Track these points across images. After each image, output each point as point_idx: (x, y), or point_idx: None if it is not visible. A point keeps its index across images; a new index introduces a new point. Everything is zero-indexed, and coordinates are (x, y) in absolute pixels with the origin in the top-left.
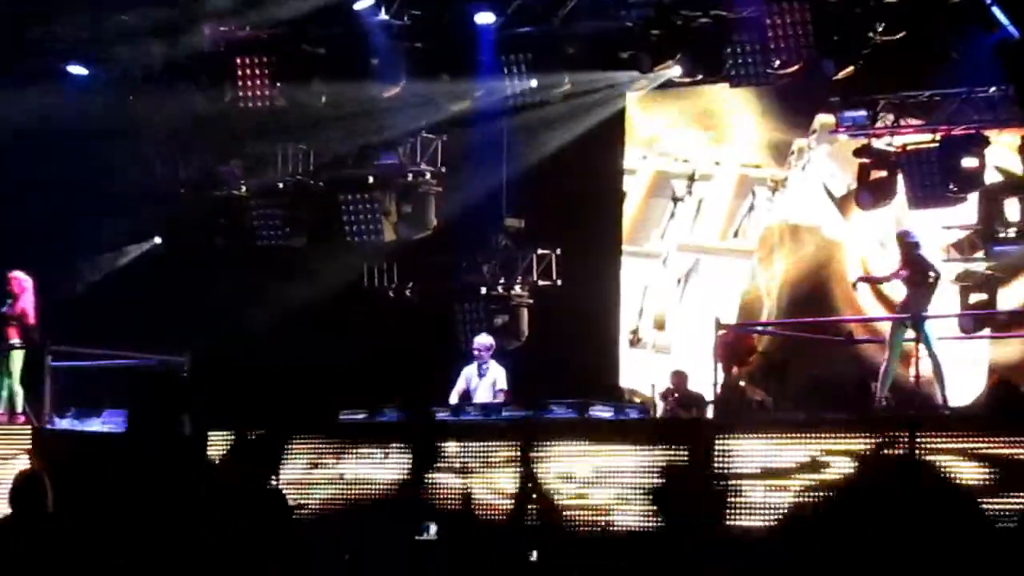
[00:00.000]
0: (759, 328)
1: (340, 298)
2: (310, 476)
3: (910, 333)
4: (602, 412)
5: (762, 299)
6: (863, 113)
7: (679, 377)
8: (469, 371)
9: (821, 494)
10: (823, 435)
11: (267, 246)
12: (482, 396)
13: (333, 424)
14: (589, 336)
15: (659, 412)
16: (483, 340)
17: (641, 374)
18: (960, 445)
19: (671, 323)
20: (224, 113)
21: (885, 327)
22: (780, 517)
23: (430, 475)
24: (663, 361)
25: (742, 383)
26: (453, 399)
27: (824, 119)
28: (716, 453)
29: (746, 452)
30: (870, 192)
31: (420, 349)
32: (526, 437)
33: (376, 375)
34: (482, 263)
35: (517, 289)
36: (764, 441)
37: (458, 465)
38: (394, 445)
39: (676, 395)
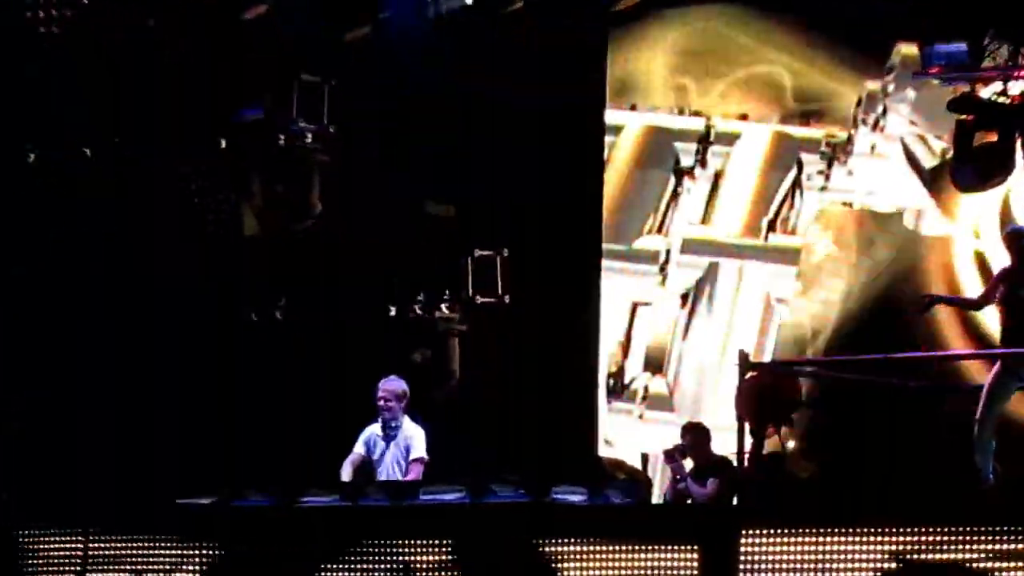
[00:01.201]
0: (807, 368)
1: (175, 325)
2: None
3: None
4: (570, 495)
5: (810, 326)
6: (963, 47)
7: (697, 435)
8: (370, 433)
9: None
10: (907, 534)
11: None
12: (389, 470)
13: (167, 513)
14: (552, 380)
15: (660, 491)
16: (392, 386)
17: (628, 438)
18: None
19: (673, 363)
20: None
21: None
22: None
23: None
24: (660, 420)
25: (780, 450)
26: (345, 474)
27: (907, 51)
28: (742, 558)
29: (788, 558)
30: (974, 164)
31: (295, 400)
32: (455, 537)
33: (231, 439)
34: (391, 271)
35: (444, 310)
36: (816, 540)
37: None
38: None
39: (686, 456)
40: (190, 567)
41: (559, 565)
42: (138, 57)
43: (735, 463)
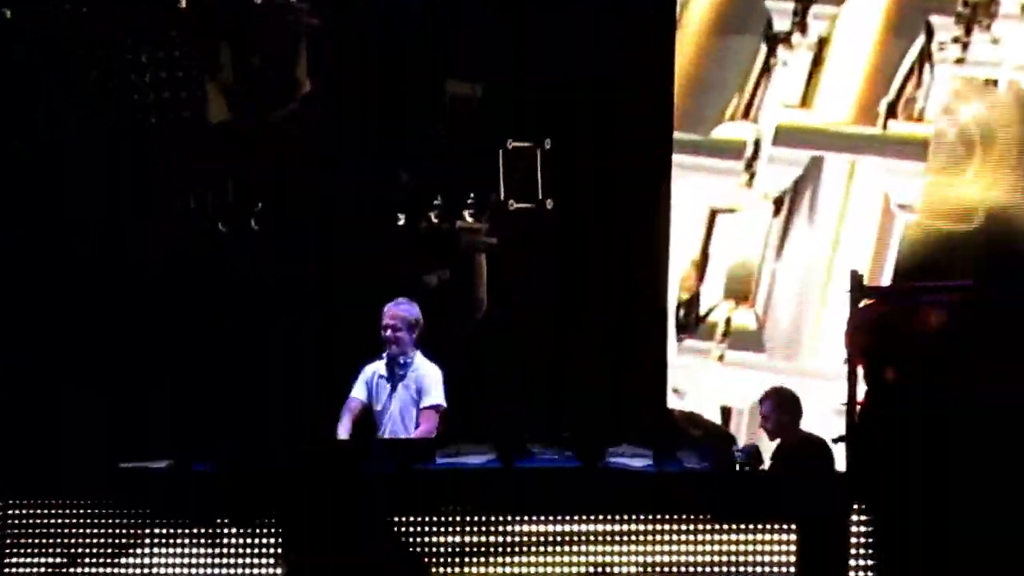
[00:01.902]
0: (939, 294)
1: (127, 235)
2: None
3: None
4: (630, 460)
5: (942, 239)
6: None
7: (781, 405)
8: (372, 372)
9: None
10: None
11: None
12: (396, 420)
13: (101, 480)
14: (606, 311)
15: (744, 455)
16: (401, 310)
17: (704, 386)
18: None
19: (763, 288)
20: None
21: None
22: None
23: None
24: (745, 362)
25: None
26: (343, 428)
27: None
28: (856, 541)
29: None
30: None
31: (276, 335)
32: (479, 512)
33: (193, 385)
34: (398, 168)
35: (467, 218)
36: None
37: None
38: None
39: (759, 458)
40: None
41: (614, 549)
42: None
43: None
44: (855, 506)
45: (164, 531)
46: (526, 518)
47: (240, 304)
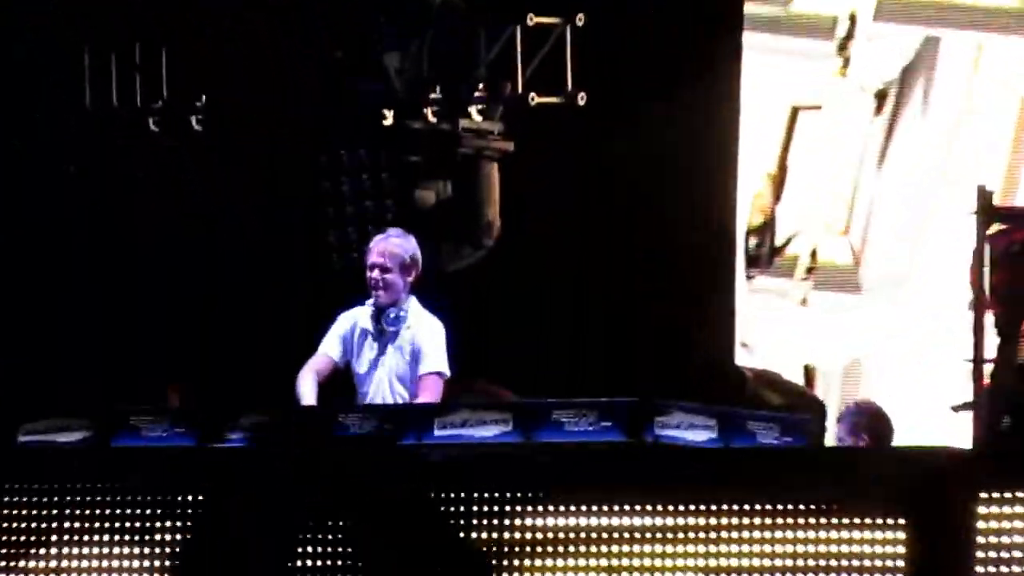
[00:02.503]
0: None
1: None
2: None
3: None
4: (687, 433)
5: None
6: None
7: (860, 427)
8: (352, 323)
9: None
10: None
11: None
12: (384, 389)
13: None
14: (653, 238)
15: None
16: (392, 246)
17: (781, 337)
18: None
19: (860, 209)
20: None
21: None
22: None
23: None
24: (836, 306)
25: None
26: (304, 389)
27: None
28: (982, 540)
29: None
30: None
31: (217, 273)
32: (498, 499)
33: (115, 336)
34: (383, 48)
35: (475, 116)
36: None
37: None
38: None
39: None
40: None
41: (666, 550)
42: None
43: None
44: (982, 494)
45: (74, 525)
46: (551, 508)
47: (168, 227)
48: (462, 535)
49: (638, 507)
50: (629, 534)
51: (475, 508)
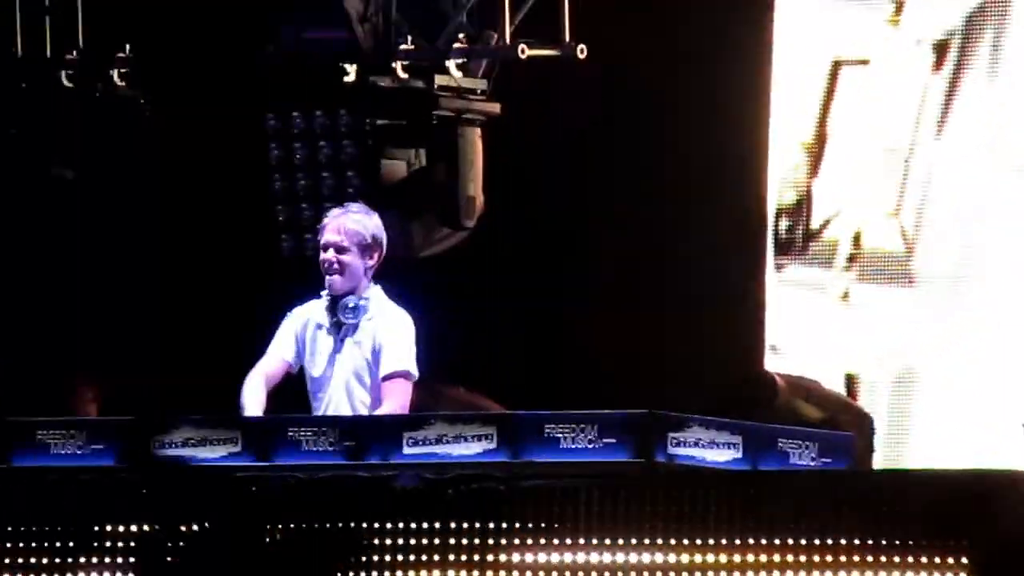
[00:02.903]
0: None
1: None
2: None
3: None
4: (708, 450)
5: None
6: None
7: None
8: (305, 319)
9: None
10: None
11: None
12: (340, 393)
13: None
14: (666, 217)
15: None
16: (352, 224)
17: (823, 340)
18: None
19: (914, 185)
20: None
21: None
22: None
23: None
24: (884, 301)
25: None
26: (249, 398)
27: None
28: None
29: None
30: None
31: (141, 252)
32: (486, 533)
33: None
34: None
35: (452, 71)
36: None
37: None
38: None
39: None
40: None
41: None
42: None
43: None
44: None
45: None
46: (543, 542)
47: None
48: (437, 571)
49: (647, 541)
50: (637, 574)
51: (452, 542)
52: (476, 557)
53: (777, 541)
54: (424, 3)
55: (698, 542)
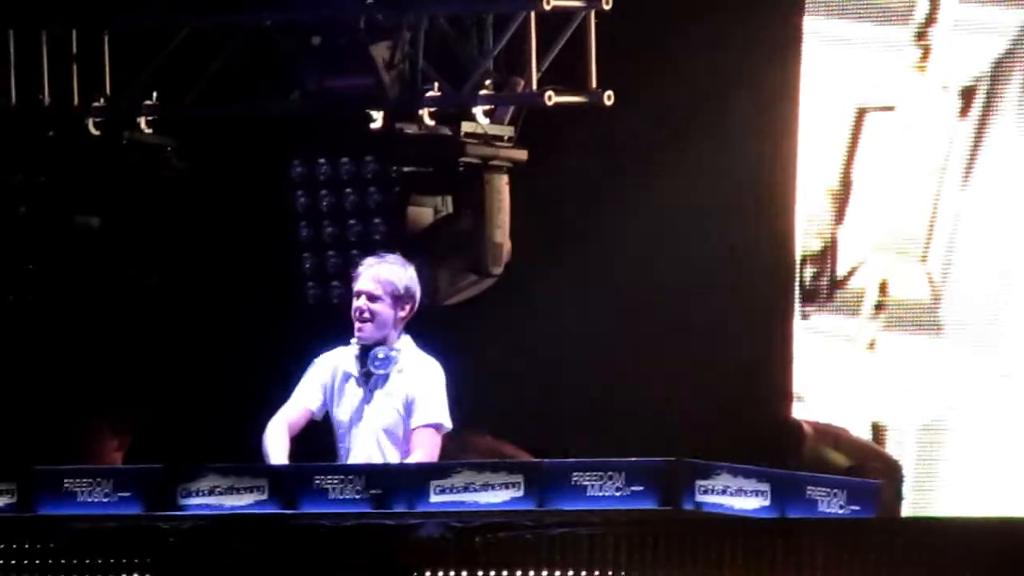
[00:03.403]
0: None
1: None
2: None
3: None
4: (734, 499)
5: None
6: None
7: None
8: (333, 367)
9: None
10: None
11: None
12: (370, 445)
13: None
14: (694, 264)
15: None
16: (386, 273)
17: (848, 390)
18: None
19: (941, 233)
20: None
21: None
22: None
23: None
24: (911, 349)
25: None
26: (273, 447)
27: None
28: None
29: None
30: None
31: (167, 300)
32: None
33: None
34: (371, 41)
35: (479, 118)
36: None
37: None
38: None
39: None
40: None
41: None
42: None
43: None
44: None
45: None
46: None
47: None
48: None
49: None
50: None
51: None
52: None
53: None
54: (450, 50)
55: None
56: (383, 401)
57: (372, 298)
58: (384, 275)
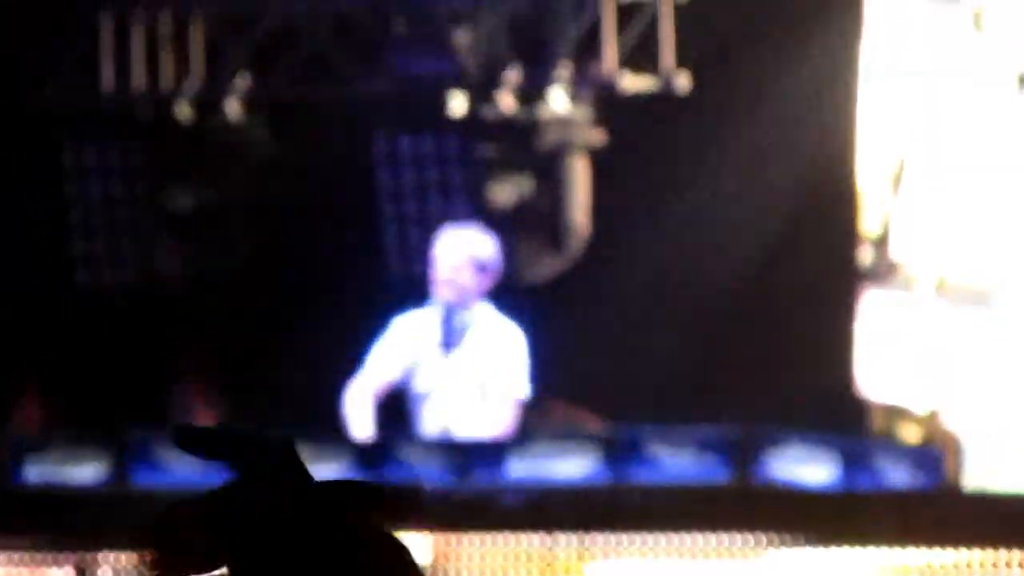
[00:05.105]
0: None
1: None
2: None
3: None
4: (803, 468)
5: None
6: None
7: None
8: (412, 327)
9: None
10: None
11: None
12: (447, 404)
13: None
14: (761, 242)
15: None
16: (465, 245)
17: (901, 362)
18: None
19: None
20: None
21: None
22: None
23: None
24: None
25: None
26: (356, 413)
27: None
28: None
29: None
30: None
31: (253, 273)
32: (582, 547)
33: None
34: (452, 26)
35: (554, 103)
36: None
37: None
38: None
39: None
40: None
41: None
42: None
43: None
44: None
45: None
46: (646, 559)
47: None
48: None
49: (744, 556)
50: None
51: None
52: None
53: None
54: (529, 33)
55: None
56: (462, 366)
57: (457, 269)
58: (465, 243)
